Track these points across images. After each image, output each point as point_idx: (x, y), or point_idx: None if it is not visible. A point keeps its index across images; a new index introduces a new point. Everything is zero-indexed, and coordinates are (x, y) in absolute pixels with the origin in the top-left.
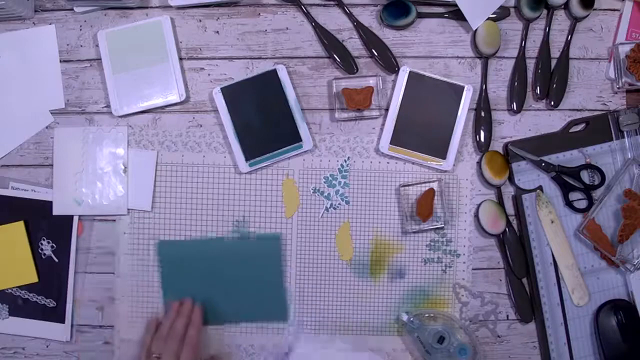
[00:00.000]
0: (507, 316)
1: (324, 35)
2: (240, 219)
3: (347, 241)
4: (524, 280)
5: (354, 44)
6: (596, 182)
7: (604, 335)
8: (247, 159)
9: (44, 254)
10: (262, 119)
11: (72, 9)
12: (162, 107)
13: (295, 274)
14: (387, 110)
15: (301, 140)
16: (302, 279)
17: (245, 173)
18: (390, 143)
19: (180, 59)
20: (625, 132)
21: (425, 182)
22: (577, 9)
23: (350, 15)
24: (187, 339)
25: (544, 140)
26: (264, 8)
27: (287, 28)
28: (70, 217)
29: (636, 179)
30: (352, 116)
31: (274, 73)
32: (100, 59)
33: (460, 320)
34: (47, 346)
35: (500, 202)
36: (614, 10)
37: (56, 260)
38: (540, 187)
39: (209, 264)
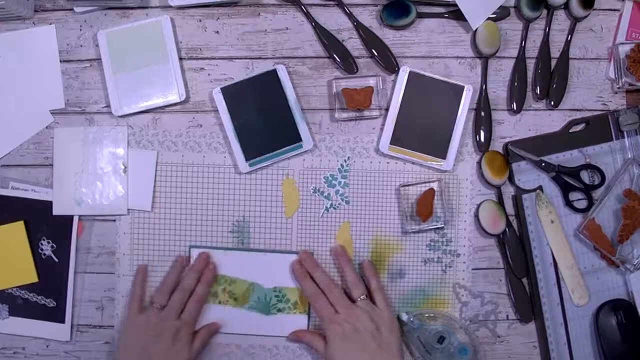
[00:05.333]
0: (507, 316)
1: (324, 35)
2: (240, 219)
3: (347, 241)
4: (524, 280)
5: (354, 44)
6: (596, 182)
7: (604, 335)
8: (247, 159)
9: (44, 254)
10: (262, 119)
11: (72, 9)
12: (162, 107)
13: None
14: (387, 110)
15: (301, 140)
16: None
17: (245, 173)
18: (390, 143)
19: (180, 59)
20: (625, 132)
21: (425, 182)
22: (577, 9)
23: (350, 15)
24: (195, 295)
25: (544, 140)
26: (264, 8)
27: (287, 28)
28: (70, 217)
29: (636, 179)
30: (352, 116)
31: (274, 73)
32: (100, 59)
33: (460, 320)
34: (47, 346)
35: (500, 202)
36: (614, 10)
37: (56, 260)
38: (540, 187)
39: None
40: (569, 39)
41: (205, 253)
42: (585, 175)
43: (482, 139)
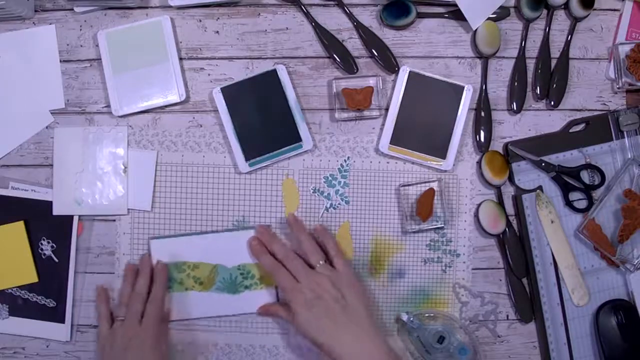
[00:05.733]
0: (507, 316)
1: (324, 35)
2: (240, 219)
3: (347, 241)
4: (524, 280)
5: (354, 44)
6: (596, 182)
7: (604, 335)
8: (247, 159)
9: (44, 254)
10: (262, 119)
11: (72, 9)
12: (162, 107)
13: None
14: (387, 110)
15: (301, 140)
16: None
17: (245, 173)
18: (390, 143)
19: (180, 59)
20: (625, 132)
21: (425, 182)
22: (577, 9)
23: (350, 15)
24: (151, 297)
25: (544, 140)
26: (264, 8)
27: (287, 28)
28: (70, 217)
29: (636, 179)
30: (352, 116)
31: (274, 73)
32: (100, 59)
33: (460, 320)
34: (47, 346)
35: (500, 202)
36: (614, 10)
37: (56, 260)
38: (540, 187)
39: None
40: (569, 39)
41: (145, 256)
42: (585, 175)
43: (482, 139)
